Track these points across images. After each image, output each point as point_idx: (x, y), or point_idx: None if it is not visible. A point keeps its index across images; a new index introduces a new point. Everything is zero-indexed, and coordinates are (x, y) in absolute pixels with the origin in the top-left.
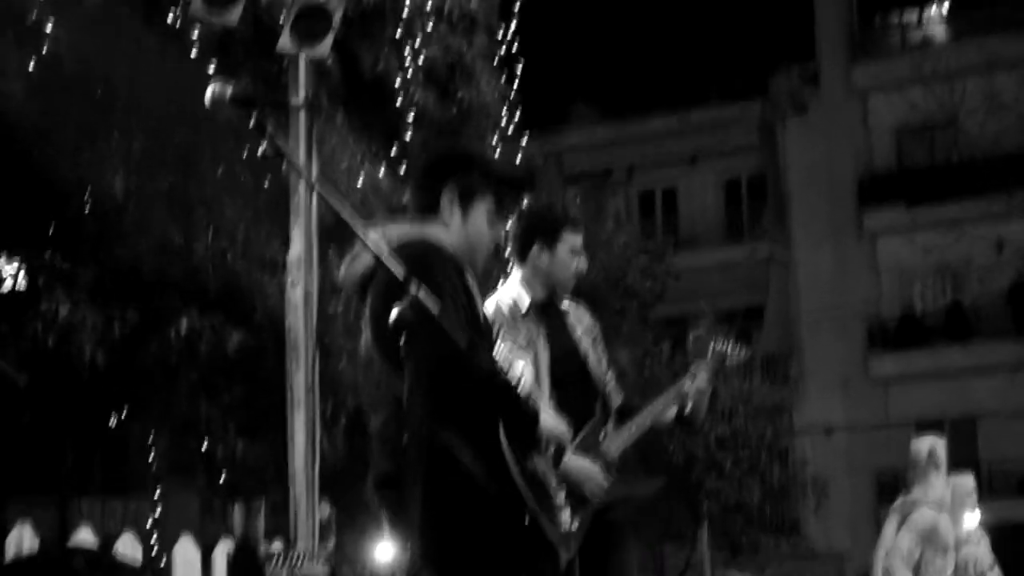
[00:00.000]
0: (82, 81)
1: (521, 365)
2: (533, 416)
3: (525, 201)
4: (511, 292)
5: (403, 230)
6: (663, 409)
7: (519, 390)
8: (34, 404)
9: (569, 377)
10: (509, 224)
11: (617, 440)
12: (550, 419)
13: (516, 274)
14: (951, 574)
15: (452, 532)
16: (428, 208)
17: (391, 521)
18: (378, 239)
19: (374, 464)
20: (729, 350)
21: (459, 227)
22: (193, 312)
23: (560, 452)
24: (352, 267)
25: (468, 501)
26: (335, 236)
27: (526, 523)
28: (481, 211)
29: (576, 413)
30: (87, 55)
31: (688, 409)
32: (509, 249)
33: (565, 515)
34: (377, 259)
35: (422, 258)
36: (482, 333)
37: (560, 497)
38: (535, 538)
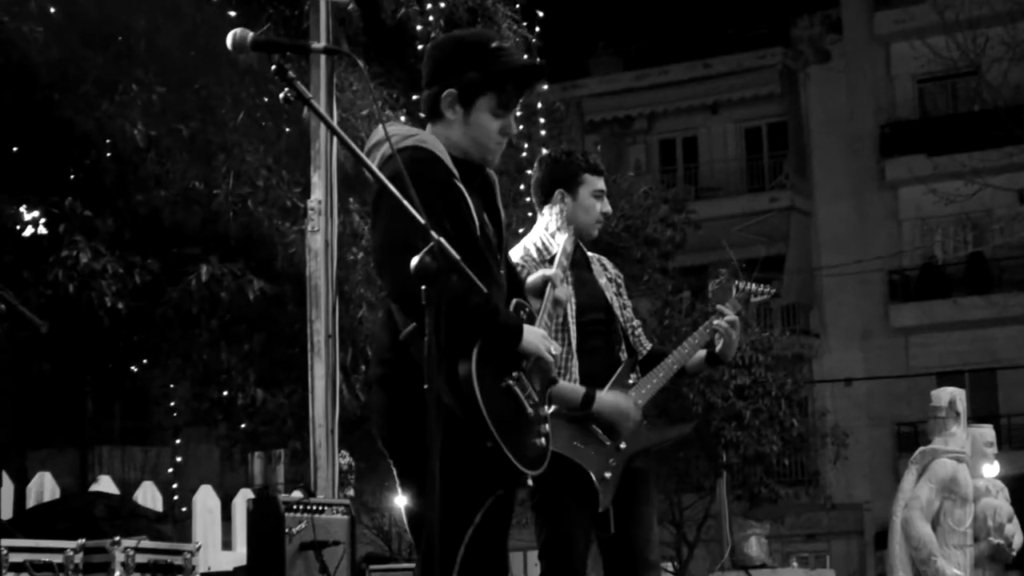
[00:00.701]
0: (102, 26)
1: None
2: (513, 332)
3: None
4: (536, 238)
5: (405, 134)
6: (691, 351)
7: (498, 305)
8: (55, 352)
9: (595, 324)
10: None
11: (646, 385)
12: (535, 336)
13: (541, 221)
14: (969, 525)
15: (417, 449)
16: (432, 111)
17: (378, 427)
18: (381, 143)
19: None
20: (754, 288)
21: (461, 126)
22: (213, 260)
23: (550, 375)
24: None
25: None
26: (356, 183)
27: (488, 446)
28: (483, 108)
29: (602, 360)
30: (107, 0)
31: (719, 345)
32: (532, 196)
33: (547, 430)
34: (384, 187)
35: (412, 166)
36: (480, 245)
37: (543, 414)
38: (495, 461)
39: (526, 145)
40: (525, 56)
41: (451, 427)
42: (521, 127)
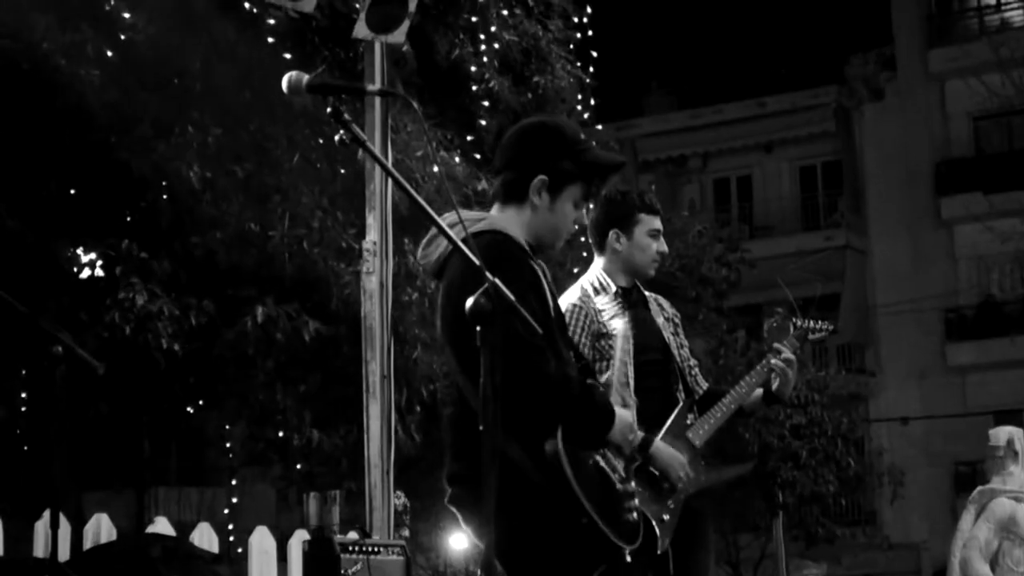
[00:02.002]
0: (158, 69)
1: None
2: (605, 419)
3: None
4: (593, 278)
5: (475, 218)
6: (748, 391)
7: (593, 389)
8: (111, 393)
9: (652, 364)
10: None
11: (704, 425)
12: (623, 425)
13: (598, 262)
14: None
15: (515, 530)
16: (514, 194)
17: (463, 518)
18: (454, 225)
19: (447, 462)
20: (812, 325)
21: (546, 212)
22: (269, 301)
23: (643, 446)
24: (428, 252)
25: (528, 500)
26: (410, 224)
27: (583, 523)
28: (569, 198)
29: (660, 400)
30: (163, 43)
31: (776, 384)
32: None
33: (637, 505)
34: (453, 244)
35: (498, 247)
36: (555, 327)
37: (632, 490)
38: (593, 537)
39: None
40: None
41: (544, 506)
42: None
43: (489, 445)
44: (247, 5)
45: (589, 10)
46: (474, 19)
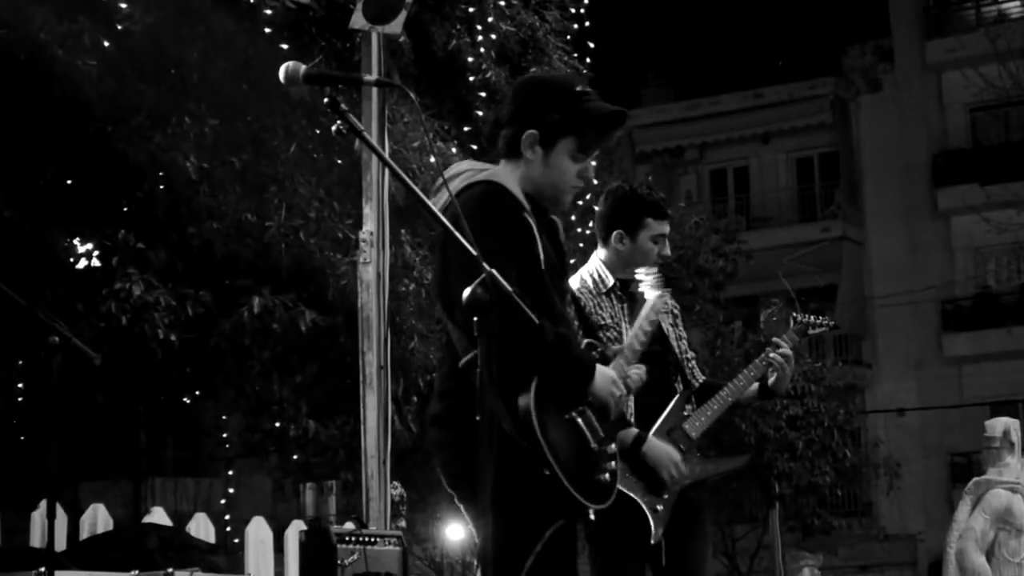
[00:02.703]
0: (155, 60)
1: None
2: (586, 369)
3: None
4: (593, 269)
5: (469, 169)
6: (746, 384)
7: (568, 341)
8: (108, 384)
9: (651, 356)
10: (597, 205)
11: (701, 417)
12: (604, 380)
13: (599, 253)
14: None
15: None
16: (509, 149)
17: (440, 462)
18: (460, 175)
19: (431, 405)
20: (812, 320)
21: (540, 167)
22: (266, 291)
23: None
24: (433, 201)
25: (497, 448)
26: (407, 215)
27: (545, 474)
28: (563, 151)
29: (658, 392)
30: (160, 34)
31: (772, 379)
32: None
33: (613, 467)
34: (445, 231)
35: (483, 197)
36: (545, 279)
37: (611, 452)
38: (553, 491)
39: None
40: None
41: (510, 455)
42: None
43: (486, 436)
44: None
45: (586, 1)
46: (471, 10)
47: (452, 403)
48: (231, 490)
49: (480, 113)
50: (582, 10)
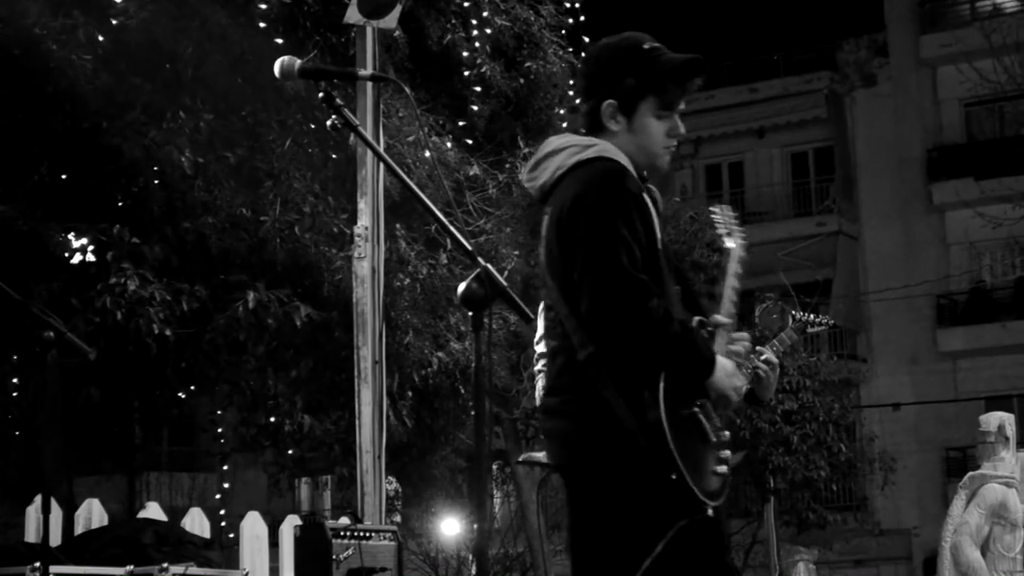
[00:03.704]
0: (150, 55)
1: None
2: (707, 365)
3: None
4: None
5: (573, 144)
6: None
7: (694, 332)
8: (103, 379)
9: None
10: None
11: None
12: (724, 373)
13: None
14: (1019, 550)
15: (601, 477)
16: (593, 124)
17: (552, 454)
18: (565, 148)
19: (542, 397)
20: (811, 319)
21: (627, 135)
22: (260, 286)
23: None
24: (534, 175)
25: (619, 448)
26: (402, 209)
27: (672, 478)
28: (646, 113)
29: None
30: (155, 29)
31: (757, 387)
32: None
33: (722, 459)
34: (443, 227)
35: (602, 178)
36: (661, 259)
37: (725, 440)
38: (678, 493)
39: None
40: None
41: (632, 454)
42: None
43: (481, 429)
44: None
45: None
46: (466, 4)
47: (569, 396)
48: (226, 485)
49: (475, 108)
50: (577, 5)
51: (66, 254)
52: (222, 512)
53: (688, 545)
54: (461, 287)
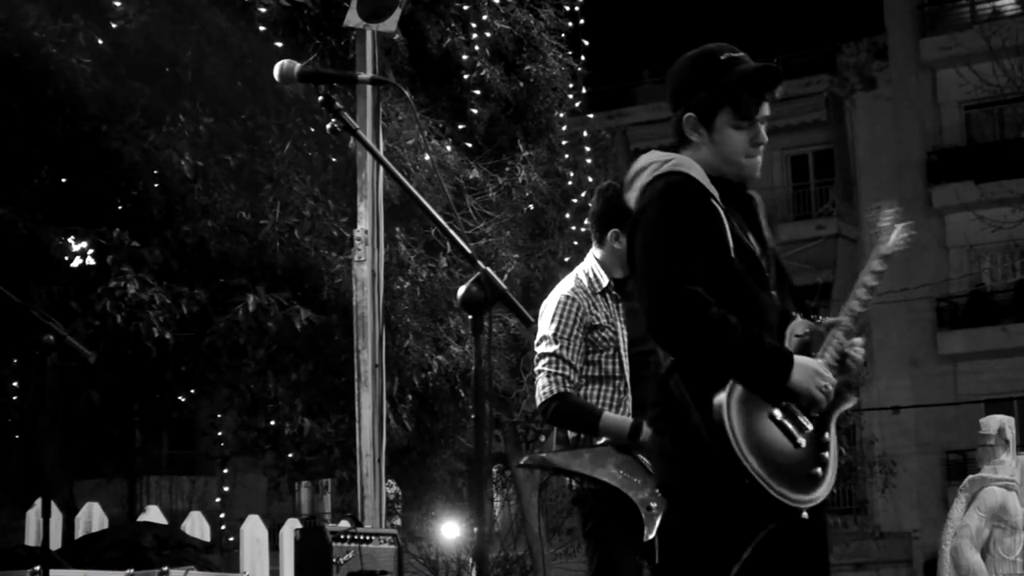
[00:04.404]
0: (150, 58)
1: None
2: (778, 367)
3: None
4: (588, 269)
5: (655, 161)
6: None
7: (758, 335)
8: (103, 382)
9: (646, 355)
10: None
11: None
12: (805, 372)
13: (595, 252)
14: (1020, 553)
15: (680, 489)
16: (679, 137)
17: (656, 471)
18: (648, 167)
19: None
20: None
21: (709, 146)
22: (260, 290)
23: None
24: (628, 197)
25: (694, 457)
26: (401, 213)
27: (745, 483)
28: (724, 124)
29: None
30: (154, 32)
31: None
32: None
33: (821, 460)
34: (443, 231)
35: (661, 194)
36: (733, 270)
37: (824, 440)
38: (756, 499)
39: (571, 174)
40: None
41: (707, 464)
42: (567, 155)
43: (481, 433)
44: None
45: None
46: (466, 8)
47: (660, 411)
48: (226, 488)
49: (475, 111)
50: (576, 8)
51: (66, 257)
52: (222, 515)
53: (778, 549)
54: (461, 290)
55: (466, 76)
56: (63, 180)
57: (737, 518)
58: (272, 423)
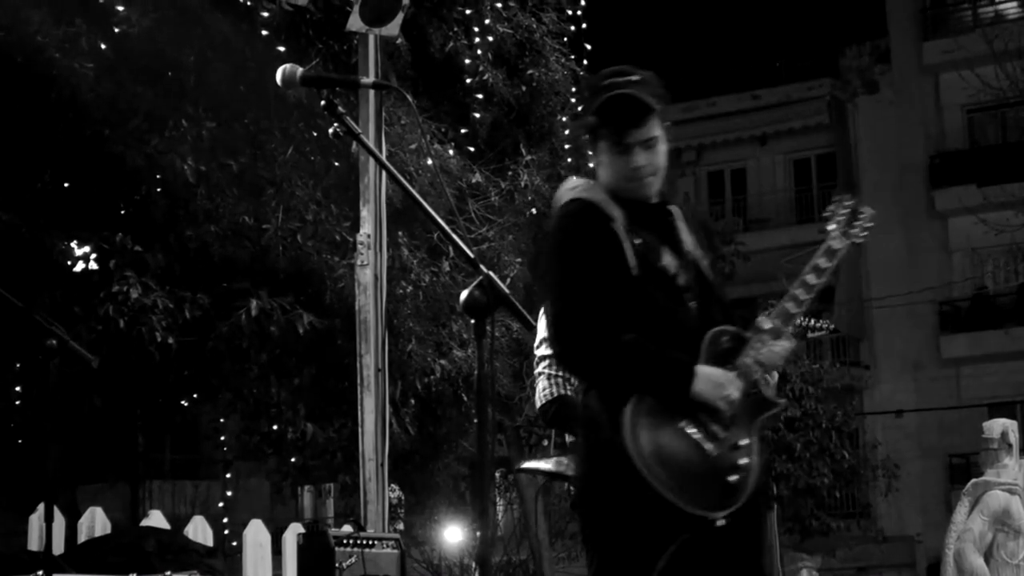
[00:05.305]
0: (152, 63)
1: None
2: (677, 378)
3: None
4: None
5: (570, 186)
6: None
7: (652, 353)
8: (106, 387)
9: None
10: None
11: None
12: (708, 382)
13: None
14: (1023, 557)
15: (590, 499)
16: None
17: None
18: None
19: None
20: (811, 323)
21: (602, 167)
22: (263, 294)
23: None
24: None
25: (610, 474)
26: (404, 217)
27: (648, 495)
28: (604, 149)
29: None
30: (157, 37)
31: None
32: None
33: (736, 466)
34: (447, 237)
35: (558, 220)
36: (639, 283)
37: (740, 444)
38: (664, 511)
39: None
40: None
41: (620, 476)
42: (569, 160)
43: (483, 437)
44: None
45: (583, 2)
46: (468, 12)
47: (580, 427)
48: (229, 493)
49: (477, 115)
50: (579, 12)
51: (69, 262)
52: (225, 520)
53: (696, 558)
54: (464, 295)
55: (468, 80)
56: (66, 185)
57: (649, 530)
58: (275, 427)
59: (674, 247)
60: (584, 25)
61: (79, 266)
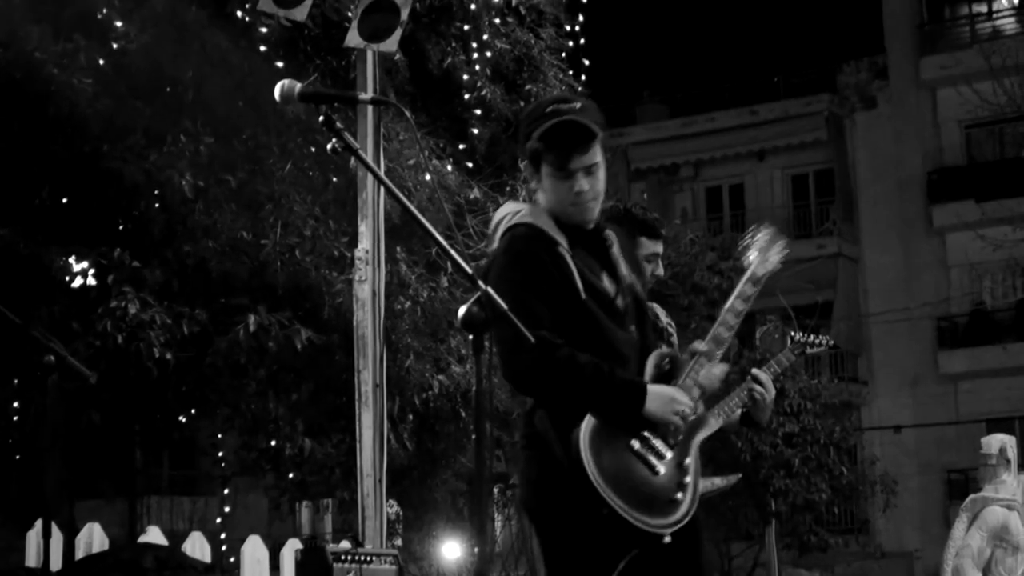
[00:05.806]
0: (151, 78)
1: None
2: (630, 397)
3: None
4: None
5: (509, 213)
6: (730, 412)
7: (606, 373)
8: (103, 402)
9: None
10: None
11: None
12: (659, 401)
13: None
14: (1021, 573)
15: (542, 514)
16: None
17: (521, 497)
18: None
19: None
20: (811, 339)
21: (543, 192)
22: (261, 310)
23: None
24: (489, 248)
25: (553, 484)
26: (402, 233)
27: (604, 513)
28: (546, 174)
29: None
30: (155, 52)
31: (754, 410)
32: None
33: (682, 486)
34: (446, 253)
35: (507, 243)
36: (588, 306)
37: (685, 464)
38: (616, 527)
39: None
40: (562, 117)
41: (571, 493)
42: None
43: (482, 452)
44: (239, 14)
45: (581, 18)
46: (466, 27)
47: (526, 442)
48: (227, 509)
49: (475, 131)
50: (577, 28)
51: (67, 278)
52: (223, 536)
53: (642, 573)
54: (462, 310)
55: (467, 96)
56: (64, 200)
57: (600, 545)
58: (273, 443)
59: (611, 272)
60: (582, 41)
61: (77, 282)
